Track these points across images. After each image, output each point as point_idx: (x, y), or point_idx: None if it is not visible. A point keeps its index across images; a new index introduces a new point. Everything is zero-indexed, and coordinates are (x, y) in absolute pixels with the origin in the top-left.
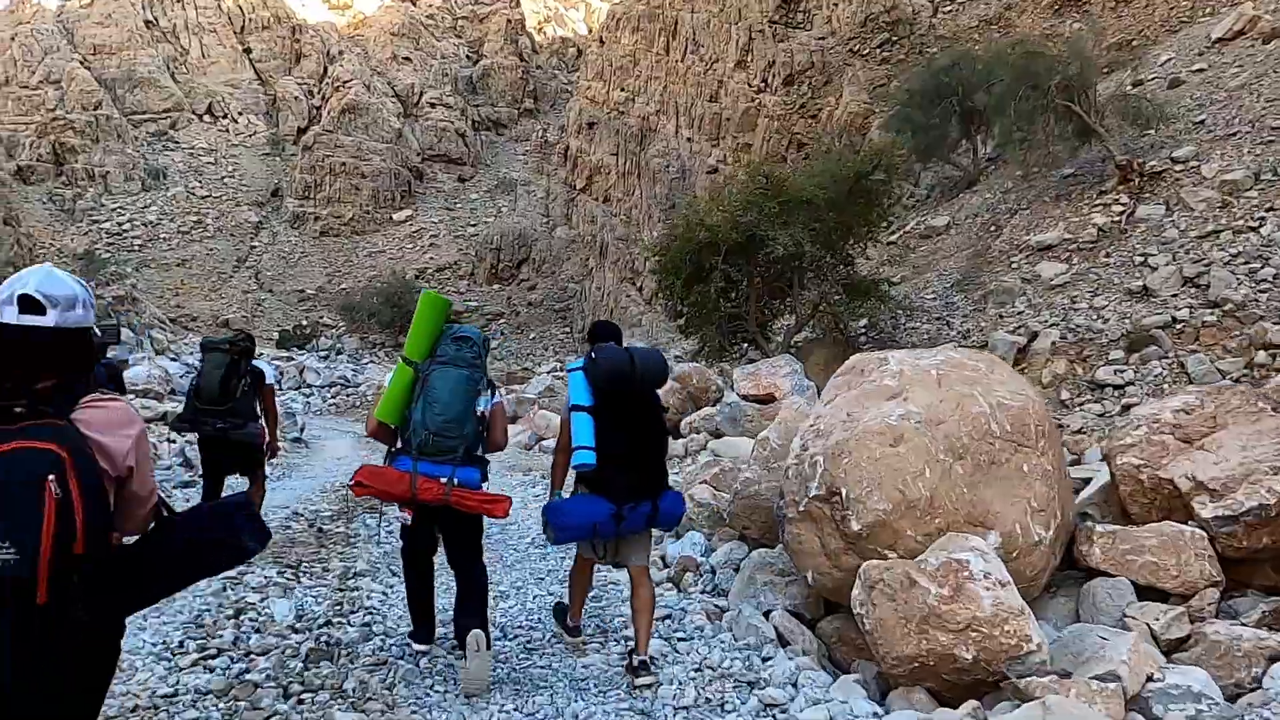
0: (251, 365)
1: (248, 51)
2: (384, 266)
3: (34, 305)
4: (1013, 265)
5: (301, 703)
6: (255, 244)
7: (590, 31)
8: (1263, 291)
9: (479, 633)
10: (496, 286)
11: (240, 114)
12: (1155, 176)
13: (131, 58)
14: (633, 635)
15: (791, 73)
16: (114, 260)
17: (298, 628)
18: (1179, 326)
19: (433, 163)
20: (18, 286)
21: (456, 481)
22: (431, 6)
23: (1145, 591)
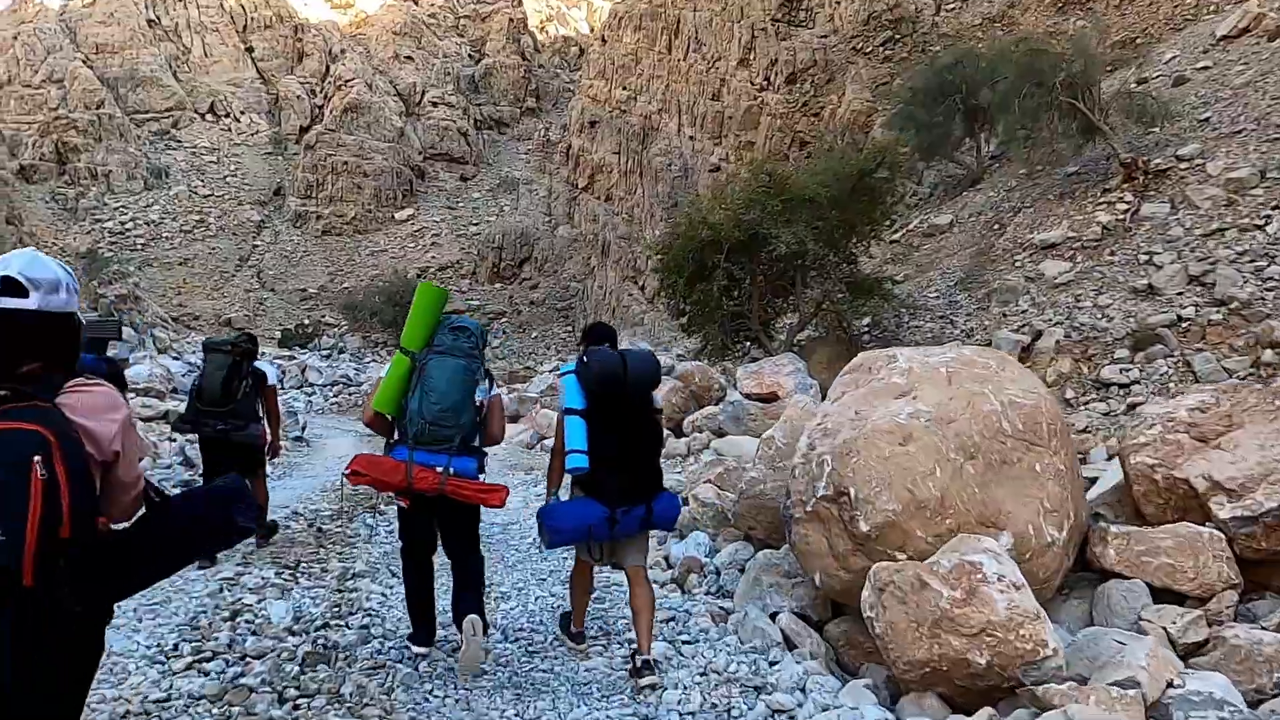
0: (254, 367)
1: (250, 50)
2: (386, 265)
3: (16, 288)
4: (1016, 263)
5: (297, 708)
6: (257, 243)
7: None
8: (1269, 290)
9: (474, 617)
10: (498, 285)
11: (242, 113)
12: (1160, 174)
13: (134, 57)
14: (635, 637)
15: (794, 71)
16: (116, 259)
17: (295, 630)
18: (1184, 325)
19: (435, 162)
20: (0, 269)
21: (452, 471)
22: (433, 5)
23: (1161, 594)
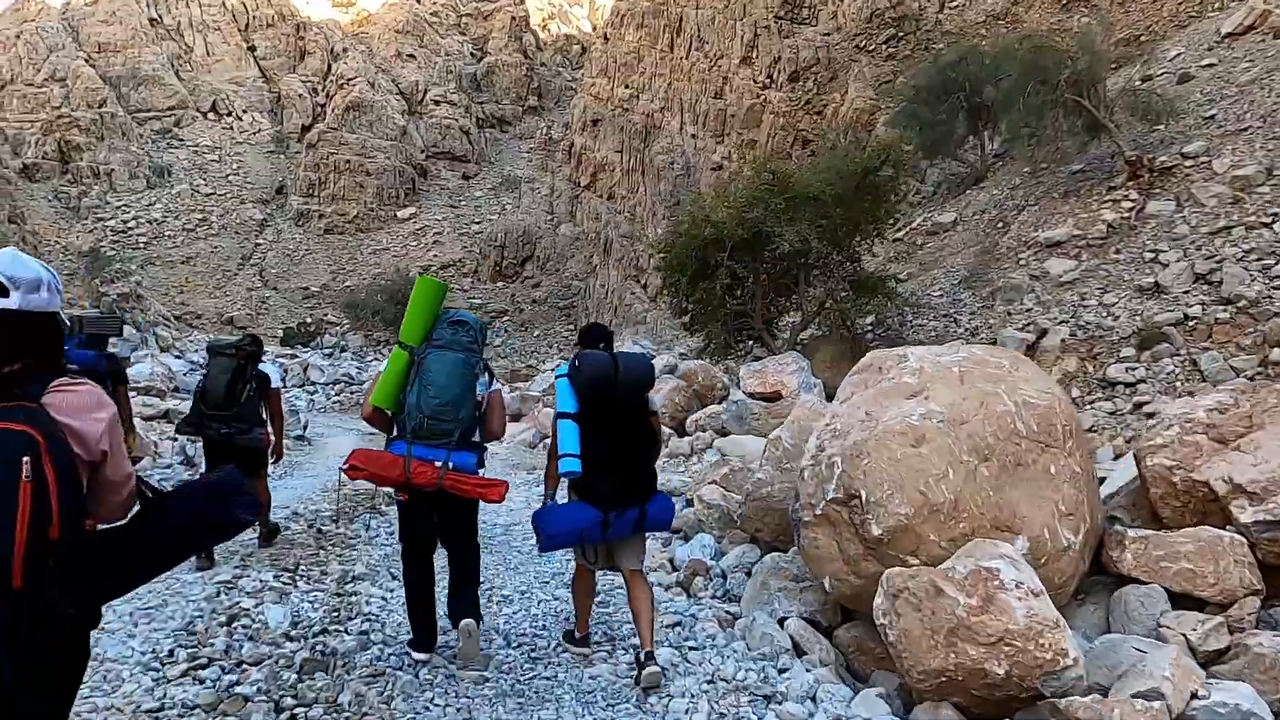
0: (258, 369)
1: (252, 49)
2: (388, 264)
3: None
4: (1021, 262)
5: (294, 718)
6: (260, 241)
7: (594, 28)
8: (1276, 288)
9: (469, 621)
10: (501, 284)
11: (244, 111)
12: (1165, 172)
13: (136, 55)
14: (638, 638)
15: (797, 69)
16: (119, 258)
17: (293, 635)
18: (1191, 324)
19: (437, 160)
20: None
21: (451, 465)
22: (436, 4)
23: (1179, 600)
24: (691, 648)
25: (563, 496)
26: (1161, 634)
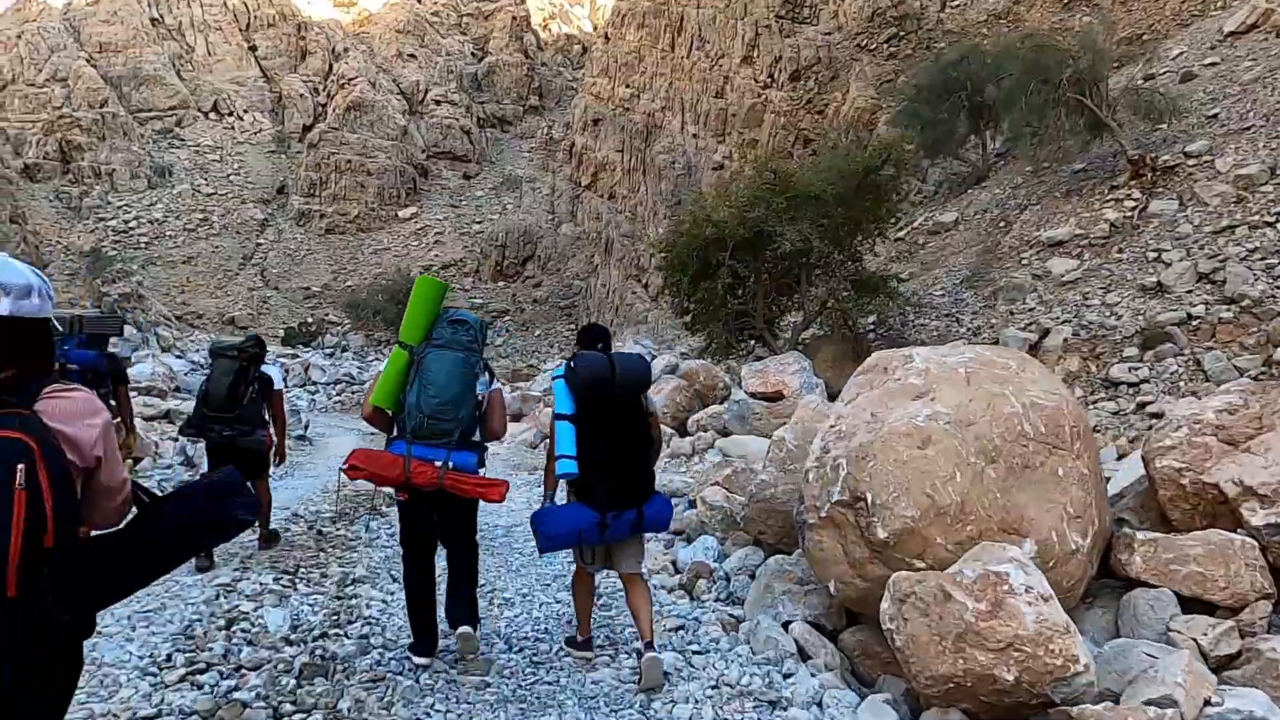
0: (260, 371)
1: (253, 49)
2: (389, 264)
3: None
4: (1023, 261)
5: None
6: (261, 241)
7: (595, 28)
8: None
9: (466, 629)
10: (502, 284)
11: (246, 111)
12: (1168, 171)
13: (137, 55)
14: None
15: (798, 68)
16: (120, 258)
17: (292, 639)
18: (1194, 323)
19: (438, 160)
20: None
21: (451, 465)
22: (437, 3)
23: (1189, 603)
24: (695, 652)
25: (563, 498)
26: (1171, 638)
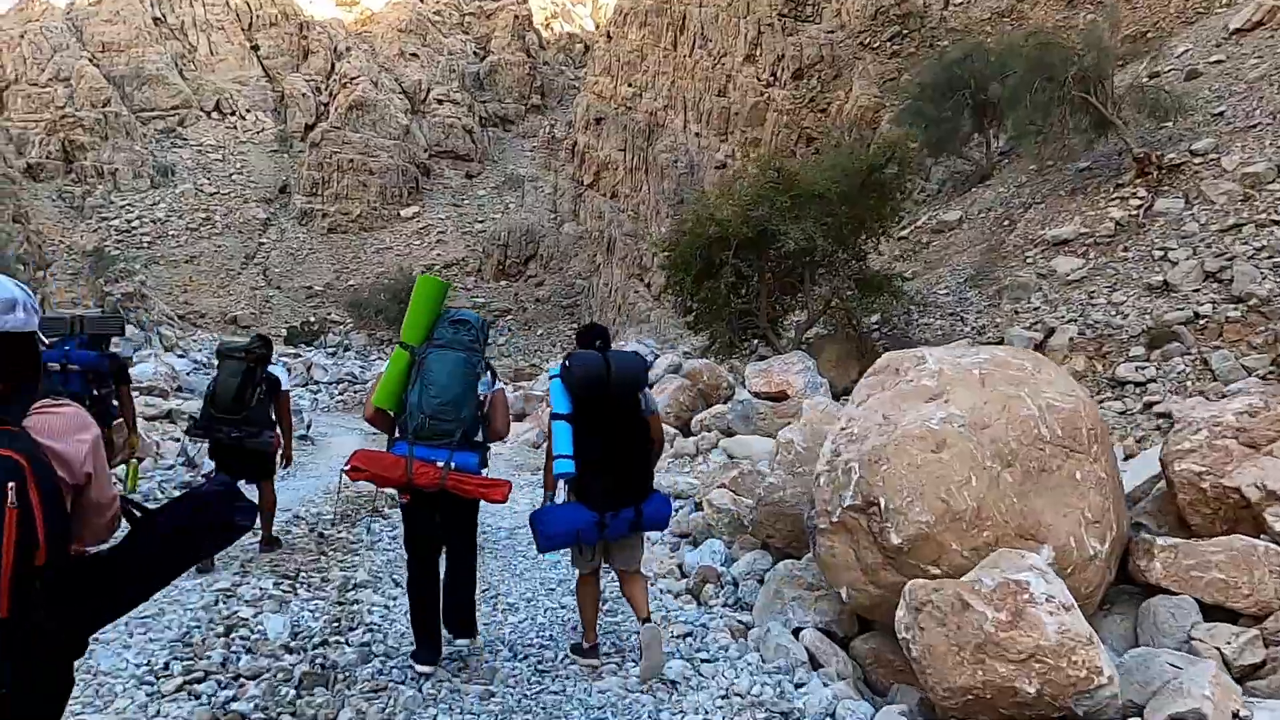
0: (267, 372)
1: (255, 48)
2: (391, 263)
3: None
4: (1027, 260)
5: None
6: (263, 241)
7: (597, 27)
8: None
9: (465, 641)
10: (504, 283)
11: (248, 111)
12: (1174, 169)
13: (140, 55)
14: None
15: (801, 66)
16: (123, 257)
17: (292, 647)
18: (1201, 322)
19: (440, 159)
20: None
21: (454, 466)
22: (439, 3)
23: (1210, 611)
24: (704, 660)
25: (563, 498)
26: (1194, 647)
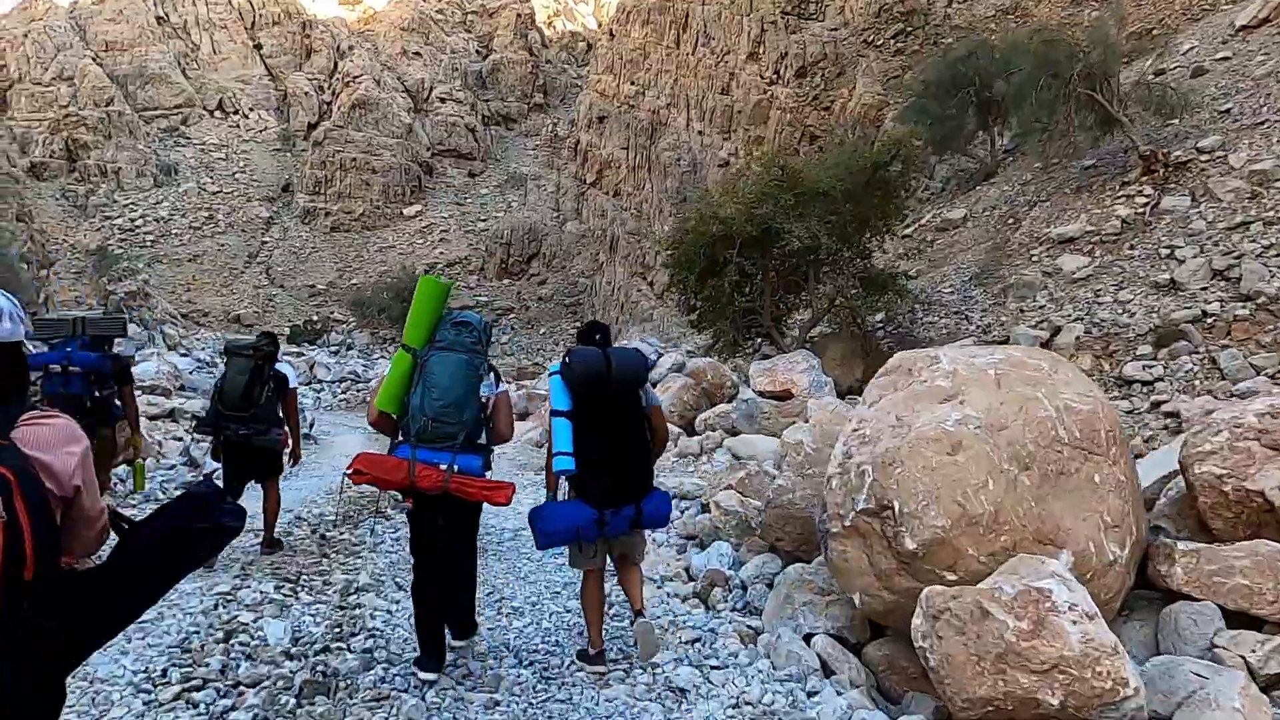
0: (274, 370)
1: (258, 47)
2: (394, 262)
3: None
4: (1033, 258)
5: None
6: (266, 239)
7: (599, 25)
8: None
9: (464, 642)
10: (507, 281)
11: (251, 109)
12: (1180, 167)
13: (143, 54)
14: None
15: (804, 64)
16: (126, 256)
17: (292, 653)
18: (1209, 320)
19: (443, 158)
20: None
21: (456, 469)
22: (441, 1)
23: (1233, 618)
24: (713, 667)
25: (565, 496)
26: (1217, 655)
